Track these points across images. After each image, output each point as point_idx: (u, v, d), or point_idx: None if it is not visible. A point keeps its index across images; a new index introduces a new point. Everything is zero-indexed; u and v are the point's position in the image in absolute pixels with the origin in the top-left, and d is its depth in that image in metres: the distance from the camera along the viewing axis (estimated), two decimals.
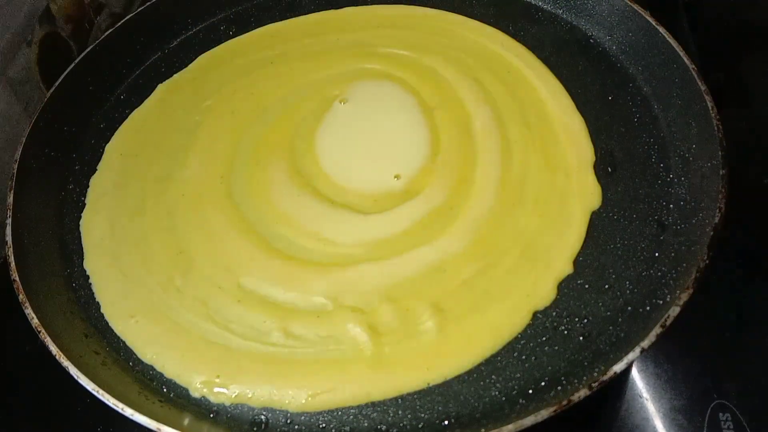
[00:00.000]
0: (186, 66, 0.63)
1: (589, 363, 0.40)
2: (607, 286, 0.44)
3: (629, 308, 0.42)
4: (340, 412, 0.40)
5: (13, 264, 0.46)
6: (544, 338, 0.42)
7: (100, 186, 0.54)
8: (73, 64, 0.59)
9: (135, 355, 0.45)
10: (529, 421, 0.36)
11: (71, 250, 0.51)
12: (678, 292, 0.39)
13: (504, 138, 0.52)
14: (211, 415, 0.41)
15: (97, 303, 0.47)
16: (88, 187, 0.55)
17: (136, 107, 0.60)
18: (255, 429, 0.41)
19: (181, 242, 0.49)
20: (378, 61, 0.59)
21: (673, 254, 0.43)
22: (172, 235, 0.50)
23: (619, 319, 0.42)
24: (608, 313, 0.42)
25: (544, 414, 0.36)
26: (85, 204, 0.53)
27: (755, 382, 0.45)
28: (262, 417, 0.41)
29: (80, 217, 0.53)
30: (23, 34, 0.63)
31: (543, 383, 0.40)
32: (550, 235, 0.46)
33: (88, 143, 0.58)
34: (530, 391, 0.40)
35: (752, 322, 0.49)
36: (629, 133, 0.51)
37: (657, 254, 0.44)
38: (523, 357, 0.41)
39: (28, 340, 0.44)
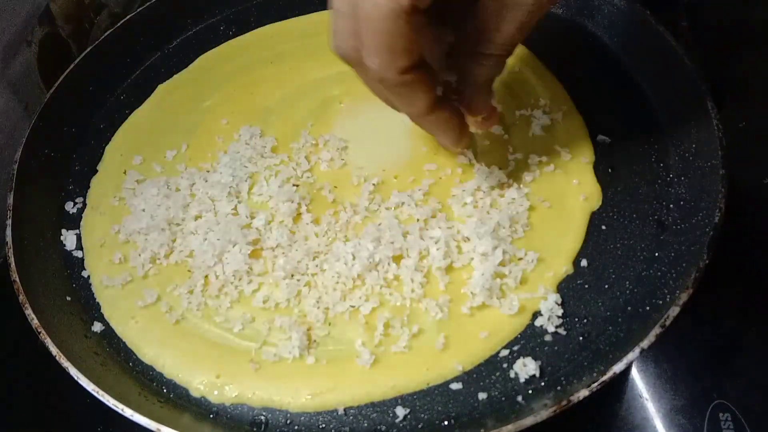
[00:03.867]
0: (186, 66, 0.63)
1: (589, 363, 0.40)
2: (607, 286, 0.44)
3: (629, 308, 0.42)
4: (340, 412, 0.41)
5: (13, 264, 0.46)
6: (544, 338, 0.42)
7: (100, 186, 0.54)
8: (73, 64, 0.59)
9: (135, 355, 0.45)
10: (529, 421, 0.36)
11: (71, 250, 0.51)
12: (678, 292, 0.39)
13: (504, 138, 0.52)
14: (211, 416, 0.41)
15: (97, 303, 0.47)
16: (88, 187, 0.55)
17: (136, 107, 0.60)
18: (255, 429, 0.41)
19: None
20: None
21: (673, 254, 0.43)
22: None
23: (619, 319, 0.42)
24: (608, 313, 0.42)
25: (544, 414, 0.36)
26: (85, 204, 0.54)
27: (755, 382, 0.45)
28: (262, 417, 0.41)
29: (80, 218, 0.53)
30: (23, 34, 0.63)
31: (543, 383, 0.40)
32: (550, 235, 0.46)
33: (88, 143, 0.58)
34: (530, 391, 0.40)
35: (752, 322, 0.49)
36: (629, 133, 0.51)
37: (657, 254, 0.44)
38: (524, 357, 0.41)
39: (28, 340, 0.44)
